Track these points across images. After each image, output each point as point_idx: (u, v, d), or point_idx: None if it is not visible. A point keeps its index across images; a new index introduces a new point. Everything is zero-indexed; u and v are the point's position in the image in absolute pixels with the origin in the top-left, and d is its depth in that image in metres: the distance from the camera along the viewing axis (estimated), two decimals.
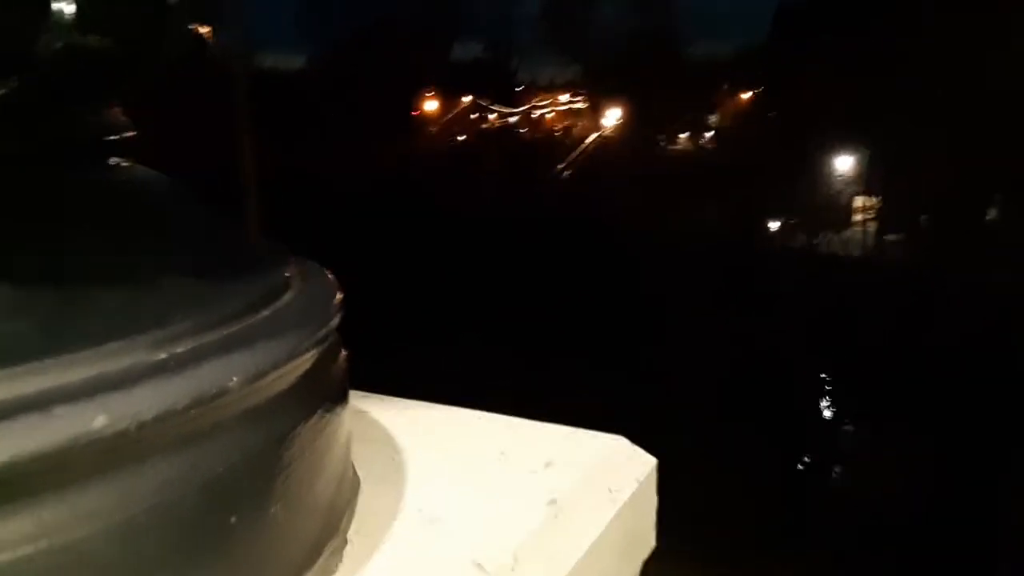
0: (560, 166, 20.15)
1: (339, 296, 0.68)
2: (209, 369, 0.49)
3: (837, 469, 11.73)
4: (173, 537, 0.47)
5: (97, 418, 0.43)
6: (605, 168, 19.63)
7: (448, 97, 19.53)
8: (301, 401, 0.58)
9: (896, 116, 16.33)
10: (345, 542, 0.65)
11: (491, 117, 18.67)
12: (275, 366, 0.53)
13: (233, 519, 0.51)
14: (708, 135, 24.04)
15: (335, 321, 0.63)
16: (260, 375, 0.52)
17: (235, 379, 0.50)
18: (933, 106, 15.23)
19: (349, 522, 0.67)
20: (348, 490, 0.70)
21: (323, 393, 0.62)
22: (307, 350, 0.57)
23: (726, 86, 23.58)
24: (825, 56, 17.37)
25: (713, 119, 24.09)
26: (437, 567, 0.61)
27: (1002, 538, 8.56)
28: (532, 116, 20.29)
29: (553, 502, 0.71)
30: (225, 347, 0.51)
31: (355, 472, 0.74)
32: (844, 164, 20.75)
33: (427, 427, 0.88)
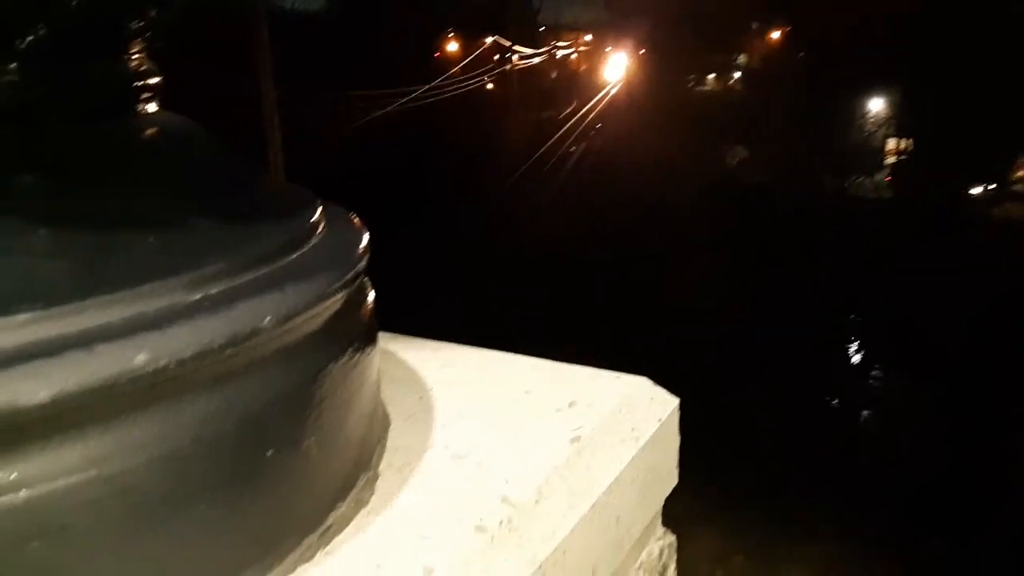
0: (585, 108, 19.86)
1: (366, 239, 0.69)
2: (242, 309, 0.51)
3: (860, 413, 11.73)
4: (212, 469, 0.50)
5: (137, 356, 0.45)
6: (630, 109, 19.33)
7: (469, 38, 19.22)
8: (331, 341, 0.59)
9: (929, 54, 15.86)
10: (376, 476, 0.67)
11: (514, 58, 18.37)
12: (306, 307, 0.55)
13: (270, 453, 0.53)
14: (736, 75, 23.54)
15: (362, 263, 0.64)
16: (291, 315, 0.53)
17: (268, 319, 0.51)
18: (969, 44, 14.77)
19: (380, 457, 0.69)
20: (379, 427, 0.72)
21: (352, 333, 0.63)
22: (335, 292, 0.58)
23: (755, 25, 22.97)
24: None
25: (741, 59, 23.55)
26: (464, 500, 0.63)
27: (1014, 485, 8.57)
28: (555, 57, 19.95)
29: (576, 440, 0.73)
30: (257, 288, 0.53)
31: (385, 410, 0.77)
32: (876, 105, 20.28)
33: (454, 367, 0.90)
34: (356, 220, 0.73)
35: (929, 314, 11.88)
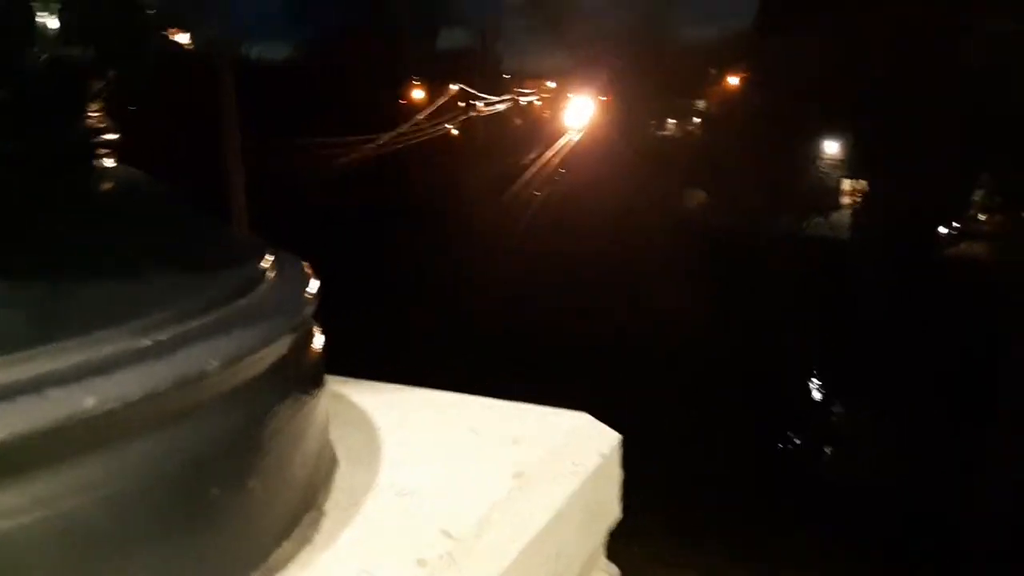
0: (548, 154, 20.14)
1: (314, 286, 0.72)
2: (189, 354, 0.54)
3: (820, 448, 11.84)
4: (159, 508, 0.52)
5: (86, 399, 0.48)
6: (592, 155, 19.64)
7: (434, 86, 19.49)
8: (277, 384, 0.62)
9: (883, 100, 16.39)
10: (322, 514, 0.69)
11: (478, 105, 18.64)
12: (251, 351, 0.58)
13: (215, 491, 0.55)
14: (696, 120, 24.05)
15: (308, 310, 0.67)
16: (237, 359, 0.56)
17: (214, 363, 0.54)
18: (918, 90, 15.30)
19: (326, 497, 0.72)
20: (326, 468, 0.74)
21: (299, 377, 0.66)
22: (281, 336, 0.61)
23: (713, 71, 23.58)
24: (812, 39, 17.39)
25: (700, 104, 24.09)
26: (407, 535, 0.66)
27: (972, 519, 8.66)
28: (519, 104, 20.30)
29: (519, 475, 0.76)
30: (204, 333, 0.56)
31: (333, 451, 0.79)
32: (831, 148, 20.84)
33: (403, 409, 0.93)
34: (307, 268, 0.76)
35: (886, 348, 12.10)
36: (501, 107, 19.39)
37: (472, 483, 0.75)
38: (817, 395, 13.60)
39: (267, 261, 0.71)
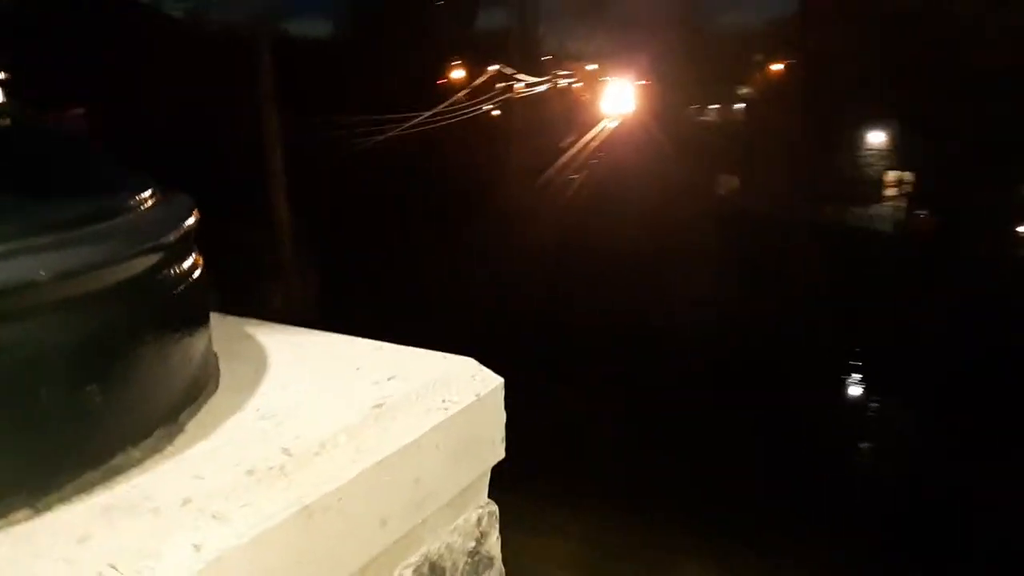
0: (585, 138, 20.02)
1: (186, 225, 0.77)
2: (21, 263, 0.59)
3: (855, 441, 11.70)
4: None
5: None
6: (630, 142, 19.49)
7: (472, 66, 19.48)
8: (125, 302, 0.67)
9: (929, 88, 16.00)
10: (181, 430, 0.74)
11: (517, 86, 18.59)
12: (88, 268, 0.63)
13: (43, 391, 0.60)
14: (738, 107, 23.70)
15: (166, 240, 0.72)
16: (70, 274, 0.61)
17: (43, 274, 0.59)
18: (968, 79, 14.91)
19: (190, 416, 0.77)
20: (195, 390, 0.79)
21: (154, 299, 0.71)
22: (124, 259, 0.66)
23: (758, 57, 23.20)
24: (858, 25, 17.06)
25: (744, 91, 23.73)
26: (249, 451, 0.71)
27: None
28: (558, 86, 20.17)
29: (379, 406, 0.80)
30: (41, 248, 0.61)
31: (211, 378, 0.84)
32: (876, 138, 20.42)
33: (302, 348, 0.98)
34: (188, 207, 0.81)
35: (920, 342, 11.90)
36: (539, 89, 19.31)
37: (330, 411, 0.79)
38: (850, 389, 13.42)
39: (140, 196, 0.76)
